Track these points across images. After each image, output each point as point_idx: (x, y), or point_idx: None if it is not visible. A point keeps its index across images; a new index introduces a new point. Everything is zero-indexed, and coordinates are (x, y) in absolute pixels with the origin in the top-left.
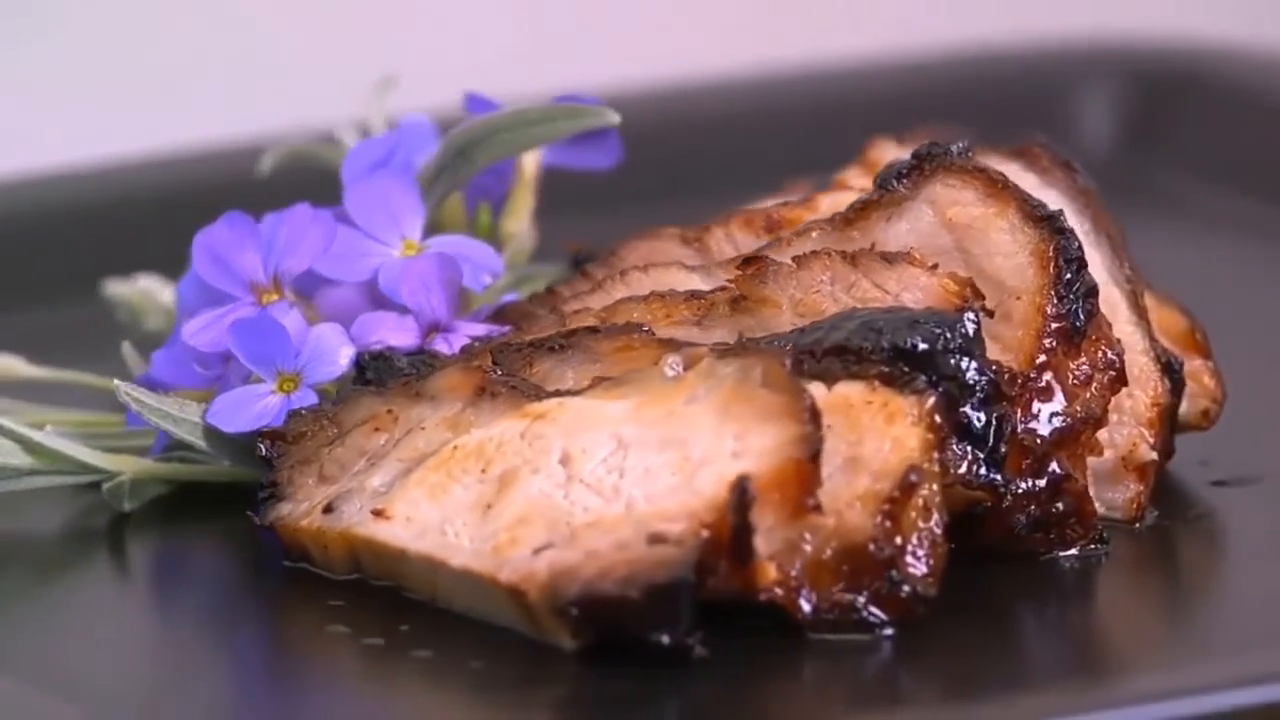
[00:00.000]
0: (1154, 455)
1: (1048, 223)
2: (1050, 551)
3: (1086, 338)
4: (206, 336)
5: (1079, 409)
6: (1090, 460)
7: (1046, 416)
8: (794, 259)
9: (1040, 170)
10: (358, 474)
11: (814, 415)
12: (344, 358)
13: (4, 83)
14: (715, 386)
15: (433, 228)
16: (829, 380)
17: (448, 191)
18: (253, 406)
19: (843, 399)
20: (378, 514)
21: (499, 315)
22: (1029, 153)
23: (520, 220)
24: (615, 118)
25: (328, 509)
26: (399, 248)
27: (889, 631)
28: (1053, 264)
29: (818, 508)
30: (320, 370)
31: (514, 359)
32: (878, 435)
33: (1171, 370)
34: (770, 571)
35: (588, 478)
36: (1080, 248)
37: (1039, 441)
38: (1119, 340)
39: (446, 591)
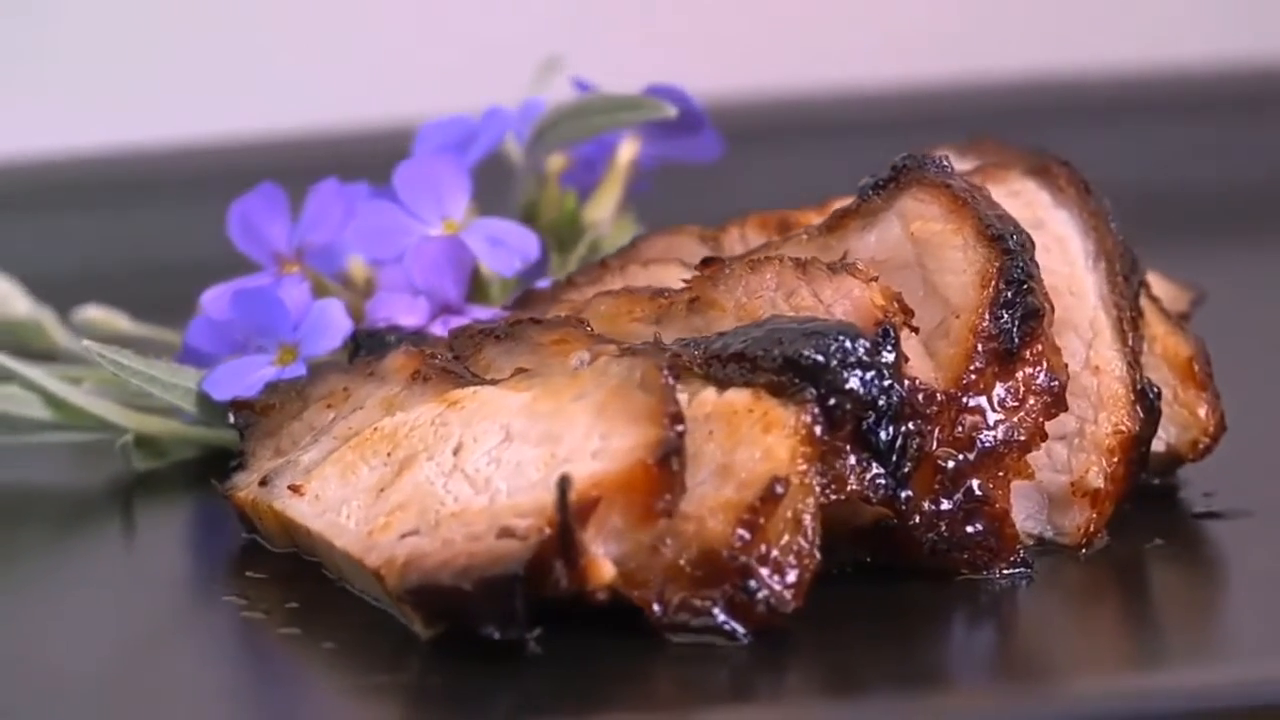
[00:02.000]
0: (1102, 482)
1: (998, 243)
2: (966, 572)
3: (1023, 360)
4: (223, 304)
5: (1004, 431)
6: (1045, 483)
7: (968, 437)
8: (748, 263)
9: (1055, 189)
10: (300, 449)
11: (675, 419)
12: (341, 333)
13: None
14: (602, 385)
15: (529, 210)
16: (723, 386)
17: (528, 174)
18: (248, 376)
19: (728, 406)
20: (293, 490)
21: (523, 299)
22: (1048, 171)
23: (603, 209)
24: (671, 111)
25: (263, 482)
26: (439, 227)
27: (743, 638)
28: (993, 284)
29: (668, 512)
30: (317, 343)
31: (466, 345)
32: (752, 444)
33: (1146, 399)
34: (604, 572)
35: (469, 467)
36: (1027, 270)
37: (955, 461)
38: (1065, 365)
39: (342, 571)
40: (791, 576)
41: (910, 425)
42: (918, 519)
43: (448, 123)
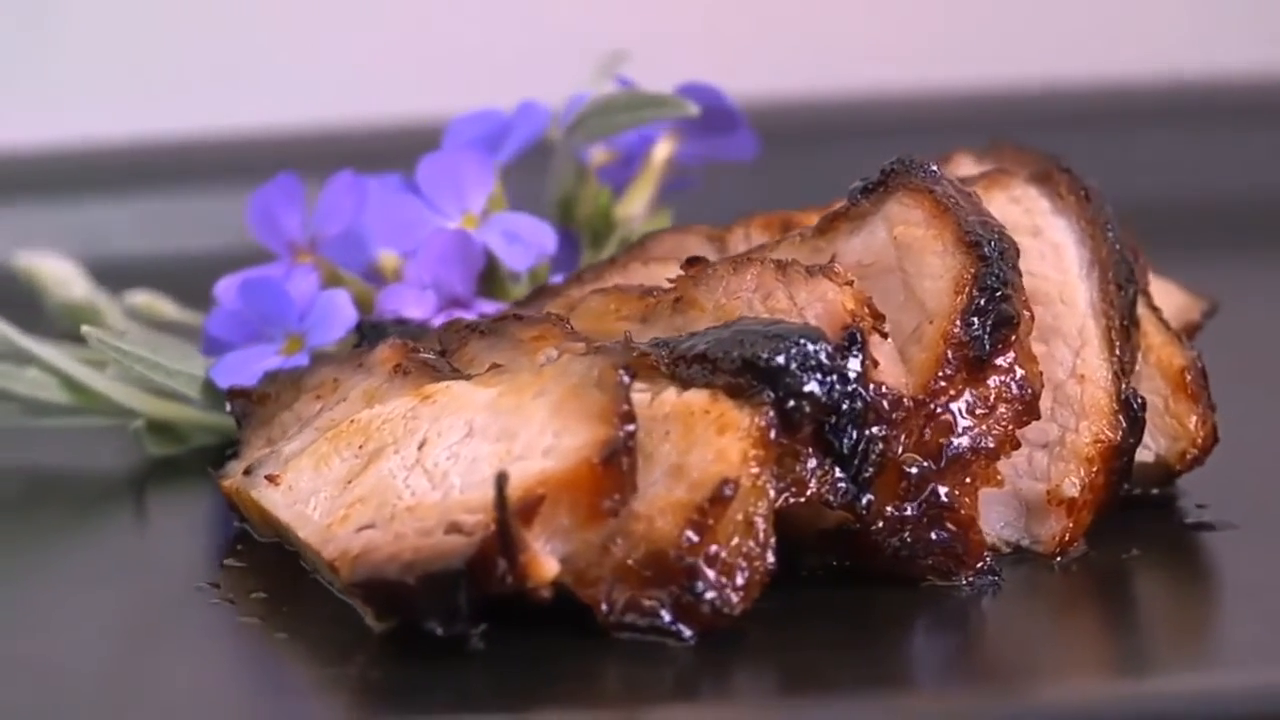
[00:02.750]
0: (1077, 492)
1: (974, 250)
2: (932, 578)
3: (995, 368)
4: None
5: (972, 438)
6: (1023, 490)
7: (934, 443)
8: (730, 264)
9: (1055, 196)
10: (285, 439)
11: (625, 419)
12: (346, 323)
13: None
14: (561, 383)
15: (565, 206)
16: (686, 386)
17: (564, 168)
18: (254, 365)
19: (686, 406)
20: (270, 479)
21: (533, 295)
22: (1050, 178)
23: (635, 206)
24: (694, 109)
25: (247, 471)
26: (458, 221)
27: (689, 639)
28: (967, 291)
29: (615, 512)
30: (322, 334)
31: (452, 339)
32: (705, 445)
33: (1130, 409)
34: (546, 570)
35: (429, 462)
36: (1002, 278)
37: (920, 467)
38: (1040, 374)
39: (311, 562)
40: (740, 579)
41: (873, 430)
42: (881, 524)
43: (479, 116)
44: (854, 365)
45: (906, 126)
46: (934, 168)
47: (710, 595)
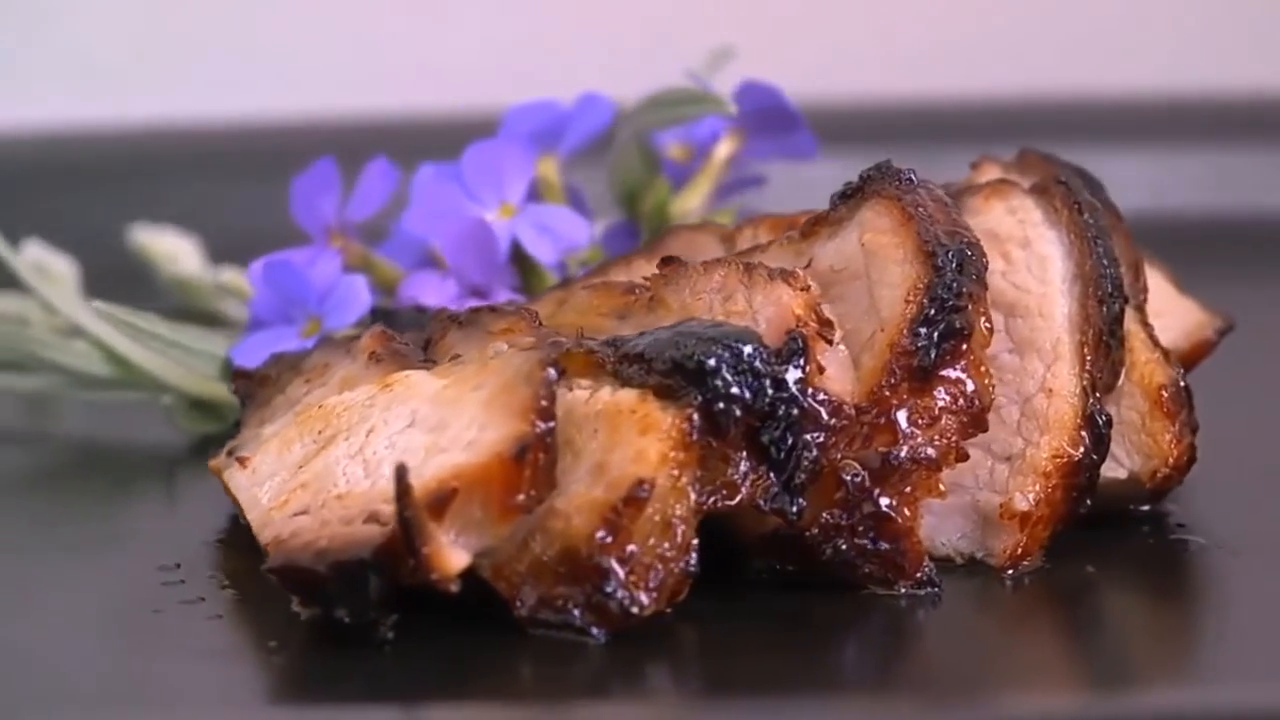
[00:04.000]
0: (1029, 506)
1: (929, 259)
2: (870, 586)
3: (941, 379)
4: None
5: (913, 448)
6: (981, 503)
7: (874, 451)
8: (703, 265)
9: (1050, 209)
10: (269, 422)
11: (543, 416)
12: (361, 308)
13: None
14: (498, 377)
15: (629, 198)
16: (626, 385)
17: (618, 161)
18: (274, 347)
19: (615, 406)
20: (240, 461)
21: (552, 288)
22: (1046, 191)
23: (691, 202)
24: (732, 108)
25: (229, 452)
26: (496, 210)
27: (599, 638)
28: (917, 301)
29: (528, 508)
30: (339, 318)
31: (435, 328)
32: (627, 445)
33: (1094, 426)
34: (450, 562)
35: (369, 450)
36: (955, 290)
37: (859, 474)
38: (991, 387)
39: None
40: (653, 580)
41: (809, 436)
42: (816, 530)
43: (537, 107)
44: (793, 370)
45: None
46: (911, 176)
47: (620, 595)
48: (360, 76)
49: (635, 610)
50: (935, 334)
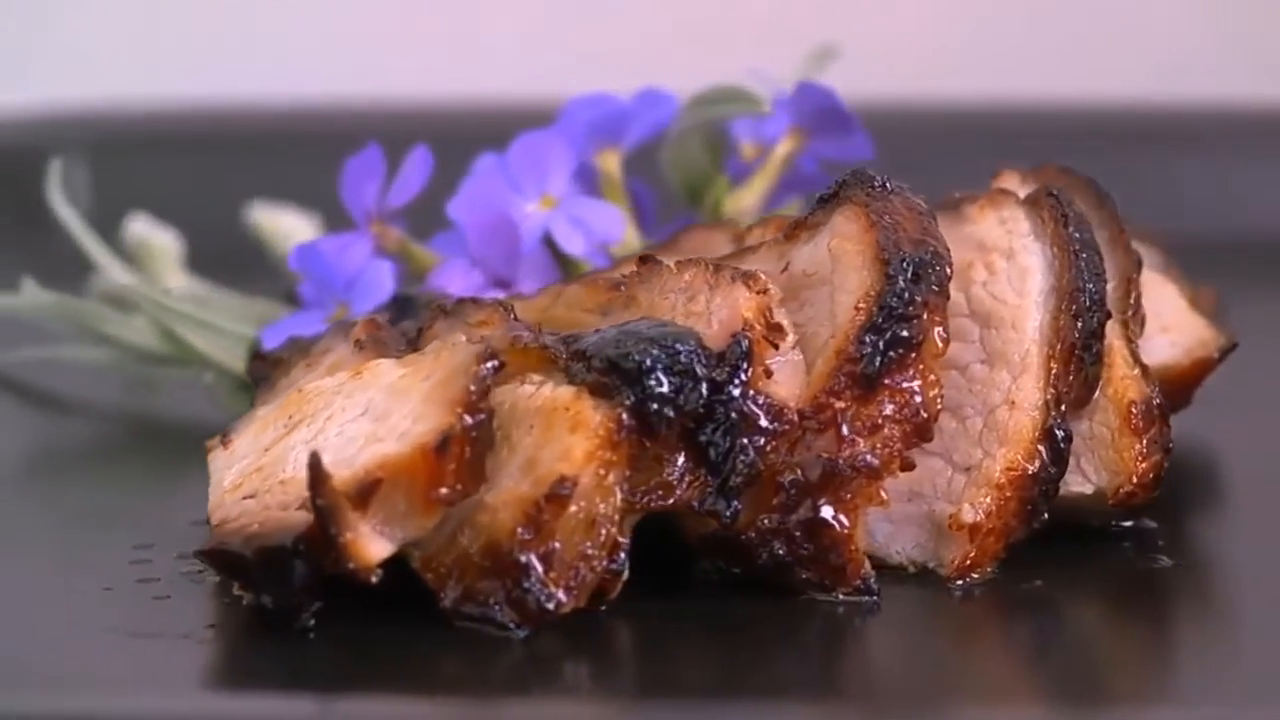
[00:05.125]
0: (976, 518)
1: (883, 268)
2: (807, 591)
3: (886, 387)
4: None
5: (853, 455)
6: (936, 512)
7: (814, 457)
8: (677, 264)
9: (1037, 221)
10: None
11: (470, 410)
12: (383, 294)
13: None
14: (443, 368)
15: (692, 192)
16: (571, 381)
17: (675, 155)
18: (302, 330)
19: (552, 402)
20: (225, 443)
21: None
22: (1037, 203)
23: (748, 199)
24: (767, 108)
25: (224, 434)
26: (536, 201)
27: (518, 633)
28: (867, 309)
29: (451, 501)
30: (363, 302)
31: (426, 318)
32: (556, 442)
33: (1053, 440)
34: (368, 553)
35: (321, 437)
36: (906, 299)
37: (797, 479)
38: (938, 399)
39: None
40: (573, 578)
41: (747, 439)
42: (753, 533)
43: (596, 100)
44: (733, 373)
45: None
46: (884, 183)
47: (537, 591)
48: (467, 63)
49: (551, 607)
50: (881, 342)
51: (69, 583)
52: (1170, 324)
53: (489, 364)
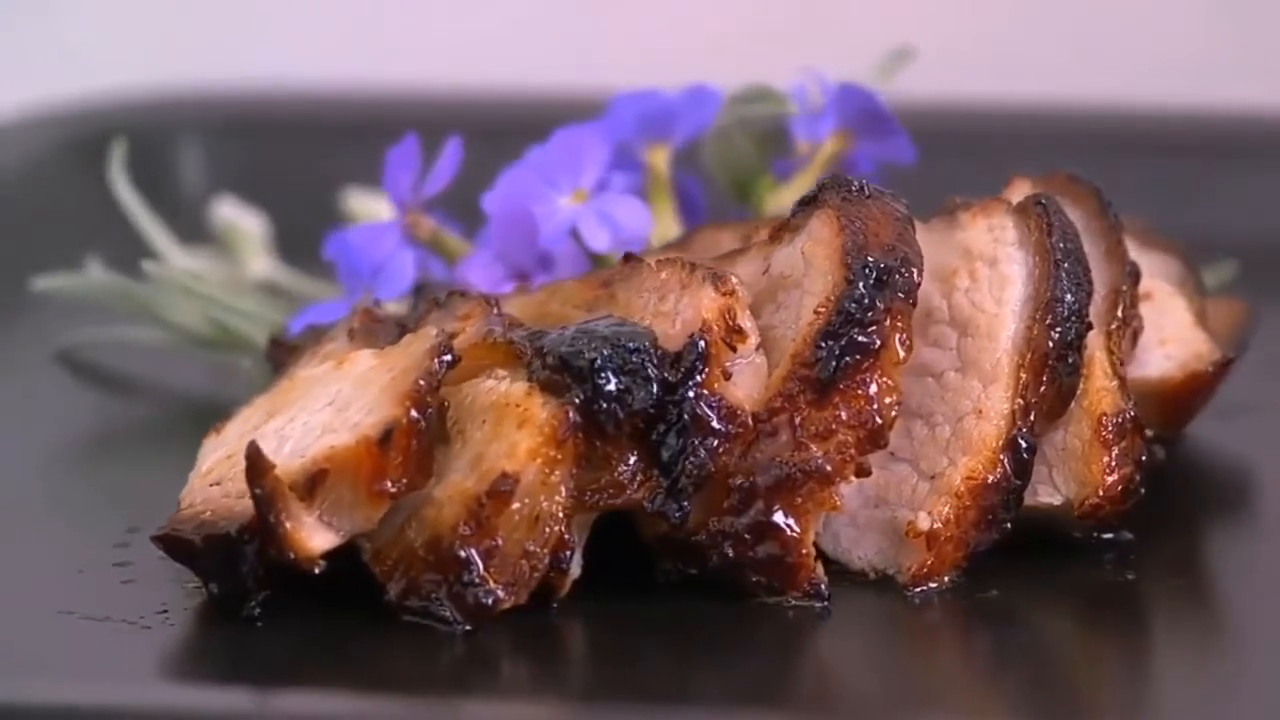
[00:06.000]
0: (932, 525)
1: (845, 272)
2: (758, 593)
3: (841, 393)
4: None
5: (805, 460)
6: (898, 519)
7: (767, 460)
8: (656, 263)
9: (1024, 229)
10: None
11: (416, 403)
12: (404, 284)
13: None
14: (404, 361)
15: (741, 187)
16: (531, 378)
17: (719, 151)
18: (329, 317)
19: (505, 398)
20: (216, 429)
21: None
22: (1025, 211)
23: (789, 199)
24: (793, 107)
25: (221, 421)
26: (569, 195)
27: (459, 627)
28: (825, 314)
29: (396, 494)
30: (384, 291)
31: (423, 308)
32: (504, 438)
33: (1016, 450)
34: (308, 543)
35: (289, 427)
36: (865, 305)
37: (748, 483)
38: (894, 406)
39: None
40: (513, 574)
41: (698, 440)
42: (704, 535)
43: (642, 96)
44: (689, 374)
45: None
46: (862, 187)
47: (476, 586)
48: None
49: (489, 603)
50: (838, 348)
51: (53, 563)
52: (1169, 337)
53: (441, 359)
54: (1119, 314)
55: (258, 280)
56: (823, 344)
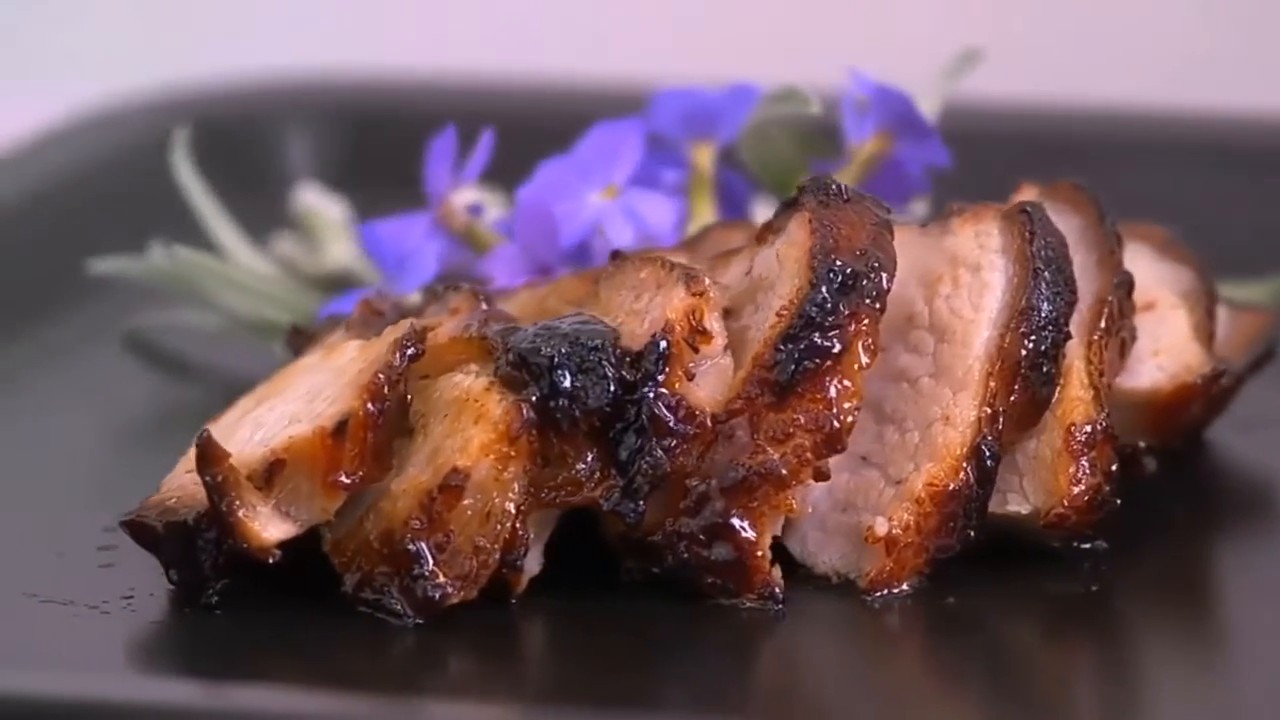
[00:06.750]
0: (890, 531)
1: (809, 275)
2: (713, 595)
3: (799, 396)
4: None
5: (761, 463)
6: (862, 524)
7: (724, 462)
8: (639, 261)
9: (1008, 236)
10: None
11: (374, 396)
12: (423, 276)
13: None
14: (372, 353)
15: (783, 185)
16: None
17: (751, 150)
18: (349, 308)
19: (466, 393)
20: (216, 419)
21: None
22: (1011, 218)
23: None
24: (816, 108)
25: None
26: (601, 190)
27: (409, 621)
28: (787, 317)
29: (351, 486)
30: (405, 284)
31: (423, 301)
32: (460, 433)
33: (979, 458)
34: (259, 534)
35: (268, 415)
36: (828, 309)
37: (704, 484)
38: (854, 408)
39: None
40: (463, 569)
41: (654, 440)
42: (660, 536)
43: (684, 93)
44: (650, 374)
45: None
46: (842, 190)
47: (426, 580)
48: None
49: (437, 597)
50: (797, 351)
51: (41, 545)
52: (1163, 348)
53: (403, 353)
54: (1103, 324)
55: (336, 267)
56: (782, 347)
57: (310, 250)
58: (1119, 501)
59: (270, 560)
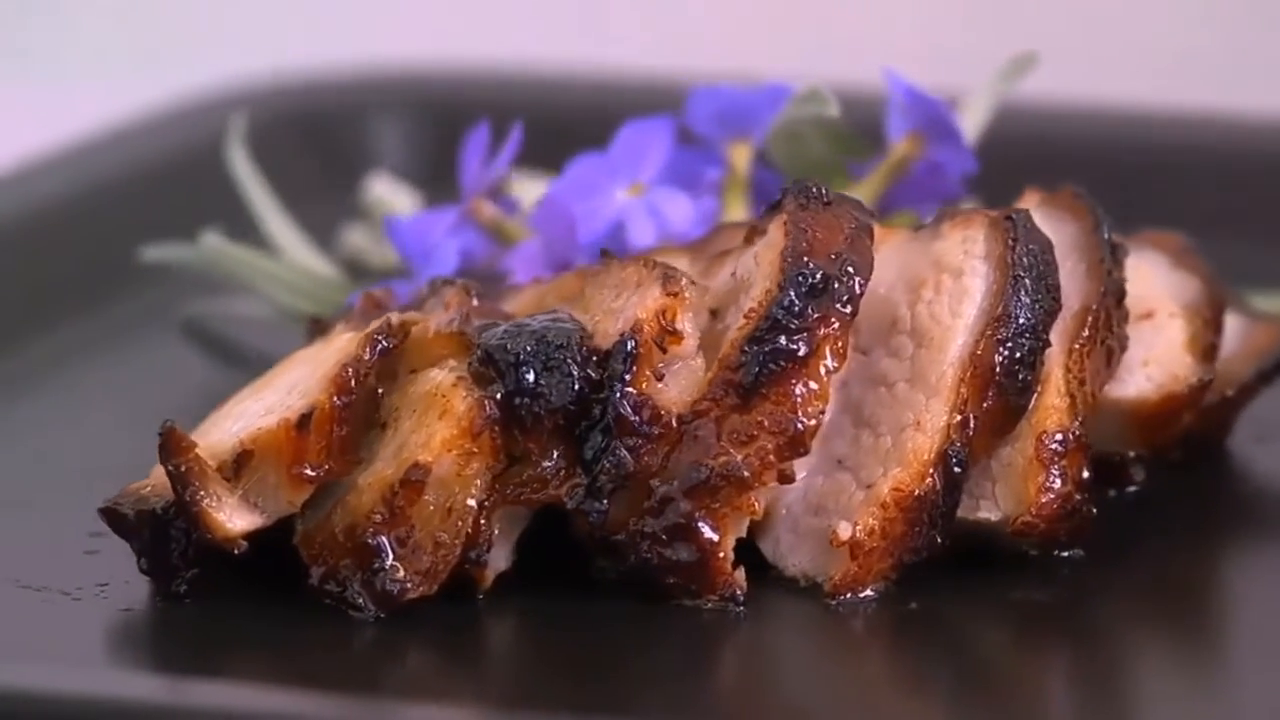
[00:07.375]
0: (851, 535)
1: (777, 278)
2: (675, 596)
3: (763, 398)
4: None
5: (724, 464)
6: (830, 527)
7: (687, 463)
8: (624, 261)
9: (990, 242)
10: None
11: (340, 389)
12: (440, 269)
13: None
14: (349, 346)
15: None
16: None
17: (780, 149)
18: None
19: (435, 388)
20: (217, 407)
21: None
22: (996, 222)
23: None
24: (834, 110)
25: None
26: (627, 187)
27: (369, 615)
28: (754, 319)
29: (316, 479)
30: (425, 274)
31: (425, 295)
32: (425, 428)
33: (946, 464)
34: (224, 525)
35: (253, 406)
36: (794, 312)
37: (666, 485)
38: (818, 411)
39: None
40: (423, 564)
41: (619, 440)
42: (624, 535)
43: (718, 92)
44: (618, 374)
45: None
46: (822, 194)
47: (385, 575)
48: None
49: (396, 591)
50: (763, 353)
51: (37, 531)
52: (1154, 358)
53: (373, 347)
54: (1085, 332)
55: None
56: (747, 349)
57: (377, 241)
58: (1094, 510)
59: (236, 551)
